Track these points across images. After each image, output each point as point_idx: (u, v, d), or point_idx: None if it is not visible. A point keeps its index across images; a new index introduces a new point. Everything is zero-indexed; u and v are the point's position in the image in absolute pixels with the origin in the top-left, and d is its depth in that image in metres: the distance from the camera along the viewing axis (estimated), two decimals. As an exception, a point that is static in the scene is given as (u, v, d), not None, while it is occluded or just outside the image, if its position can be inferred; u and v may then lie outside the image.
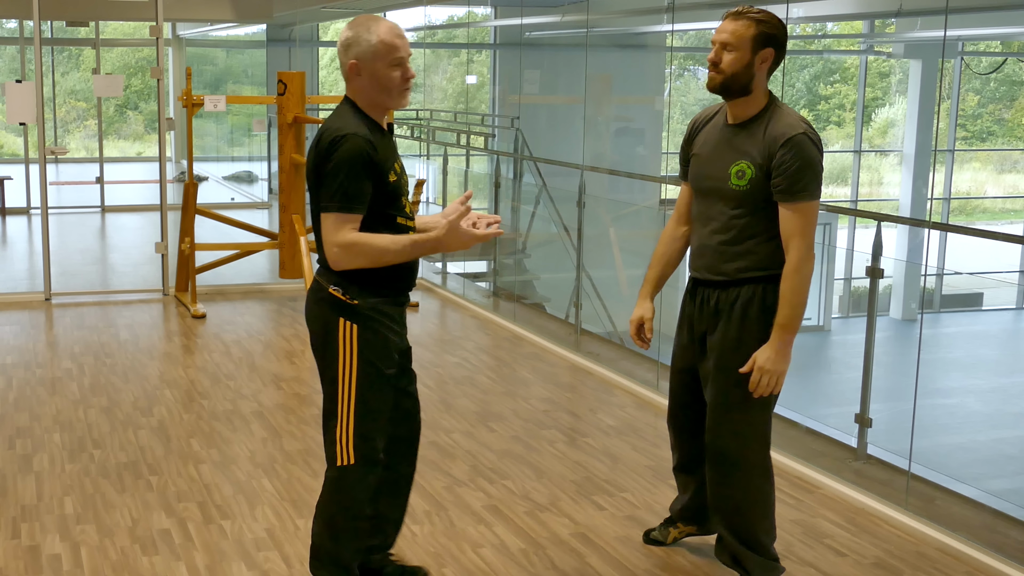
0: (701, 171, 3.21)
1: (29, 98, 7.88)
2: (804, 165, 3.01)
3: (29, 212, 12.37)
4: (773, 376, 3.10)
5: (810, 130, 3.05)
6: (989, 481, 7.66)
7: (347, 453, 3.06)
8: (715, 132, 3.20)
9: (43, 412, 5.23)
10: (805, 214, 3.04)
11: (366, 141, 2.90)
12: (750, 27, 3.04)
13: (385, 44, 2.92)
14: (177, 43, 17.94)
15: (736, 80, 3.07)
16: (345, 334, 3.02)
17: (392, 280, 3.06)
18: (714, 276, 3.18)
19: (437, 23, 16.38)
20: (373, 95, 2.97)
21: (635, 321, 3.40)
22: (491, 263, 9.63)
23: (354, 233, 2.91)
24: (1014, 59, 20.66)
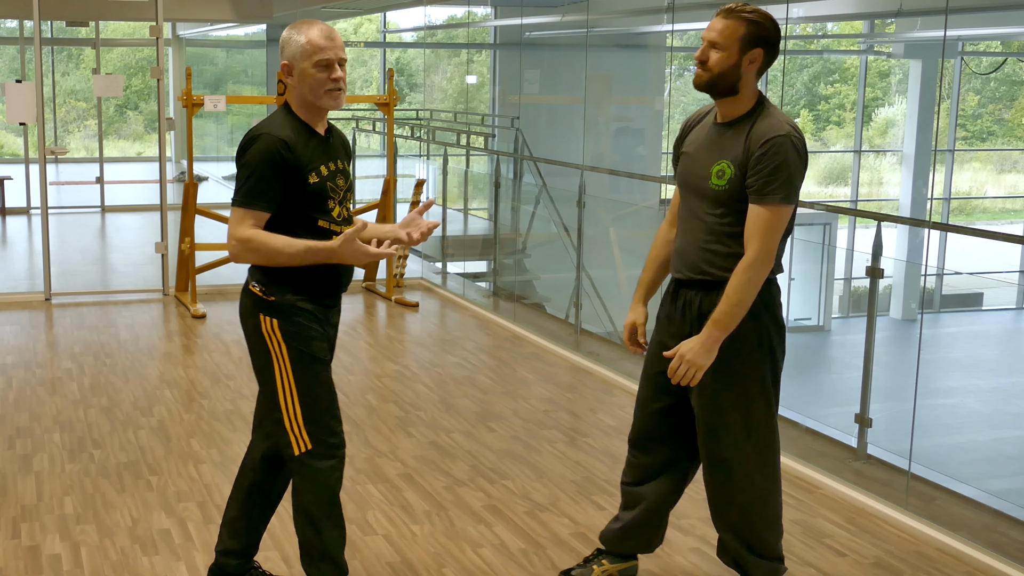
0: (687, 170, 3.17)
1: (29, 98, 7.88)
2: (780, 166, 2.95)
3: (29, 212, 12.37)
4: (693, 368, 3.03)
5: (795, 134, 3.00)
6: (989, 481, 7.67)
7: (303, 440, 3.07)
8: (704, 131, 3.17)
9: (43, 412, 5.23)
10: (769, 217, 2.96)
11: (279, 141, 2.95)
12: (740, 26, 3.00)
13: (312, 44, 2.98)
14: (177, 43, 17.94)
15: (723, 79, 3.03)
16: (268, 328, 3.05)
17: (312, 281, 3.04)
18: (697, 276, 3.13)
19: (437, 23, 16.38)
20: (303, 95, 3.02)
21: (629, 326, 3.36)
22: (491, 263, 9.64)
23: (252, 229, 2.95)
24: (1014, 59, 20.66)
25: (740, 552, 3.27)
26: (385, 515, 4.04)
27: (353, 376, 5.93)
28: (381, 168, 11.20)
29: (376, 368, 6.12)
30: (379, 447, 4.78)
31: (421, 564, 3.64)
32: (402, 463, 4.59)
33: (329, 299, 3.13)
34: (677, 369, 3.06)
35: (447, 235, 10.15)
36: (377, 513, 4.05)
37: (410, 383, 5.83)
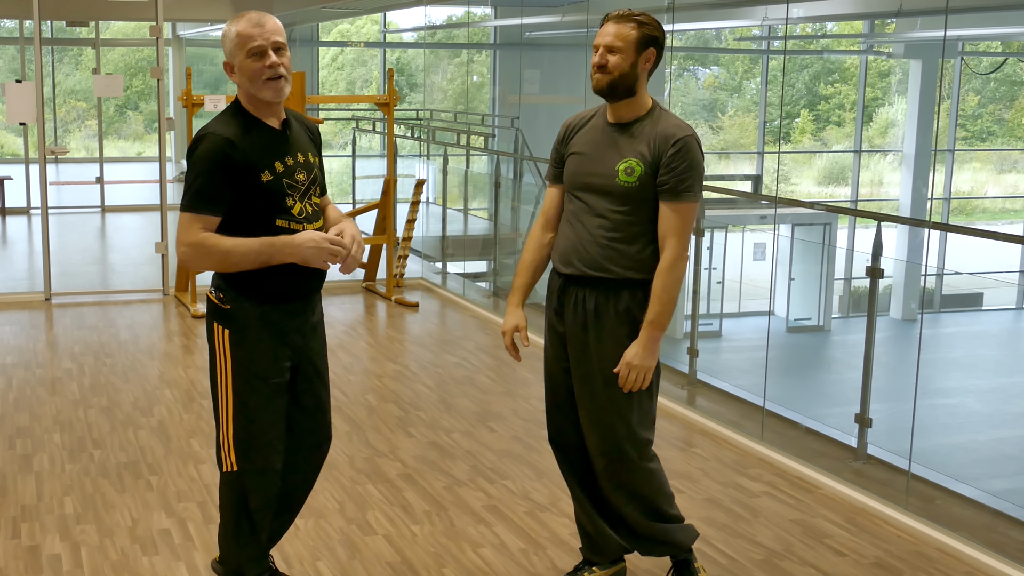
0: (584, 168, 3.21)
1: (29, 98, 7.88)
2: (691, 165, 3.09)
3: (29, 212, 12.37)
4: (642, 371, 3.13)
5: (695, 134, 3.15)
6: (989, 481, 7.67)
7: (229, 459, 3.03)
8: (597, 132, 3.23)
9: (43, 412, 5.23)
10: (685, 214, 3.11)
11: (224, 141, 2.85)
12: (633, 29, 3.12)
13: (241, 35, 2.87)
14: (177, 43, 17.94)
15: (622, 81, 3.13)
16: (219, 339, 2.99)
17: (273, 287, 2.95)
18: (595, 273, 3.17)
19: (437, 23, 16.39)
20: (246, 88, 2.91)
21: (509, 331, 3.35)
22: (491, 263, 9.64)
23: (202, 233, 2.85)
24: (1014, 59, 20.66)
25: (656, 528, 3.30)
26: (385, 515, 4.04)
27: (353, 376, 5.93)
28: (381, 168, 11.20)
29: (376, 368, 6.12)
30: (379, 447, 4.78)
31: (421, 564, 3.64)
32: (402, 463, 4.59)
33: (295, 304, 3.02)
34: (628, 376, 3.13)
35: (447, 235, 10.15)
36: (377, 513, 4.05)
37: (410, 383, 5.84)
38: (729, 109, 23.96)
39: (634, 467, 3.25)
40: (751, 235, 17.36)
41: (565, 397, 3.34)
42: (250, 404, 3.00)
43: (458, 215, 10.50)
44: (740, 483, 4.42)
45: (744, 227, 17.11)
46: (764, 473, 4.54)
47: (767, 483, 4.43)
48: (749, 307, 16.25)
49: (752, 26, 18.22)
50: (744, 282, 16.56)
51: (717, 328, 14.42)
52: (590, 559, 3.46)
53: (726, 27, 18.25)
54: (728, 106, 23.99)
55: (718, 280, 15.82)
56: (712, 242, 15.42)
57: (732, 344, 13.73)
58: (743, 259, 16.72)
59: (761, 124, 20.21)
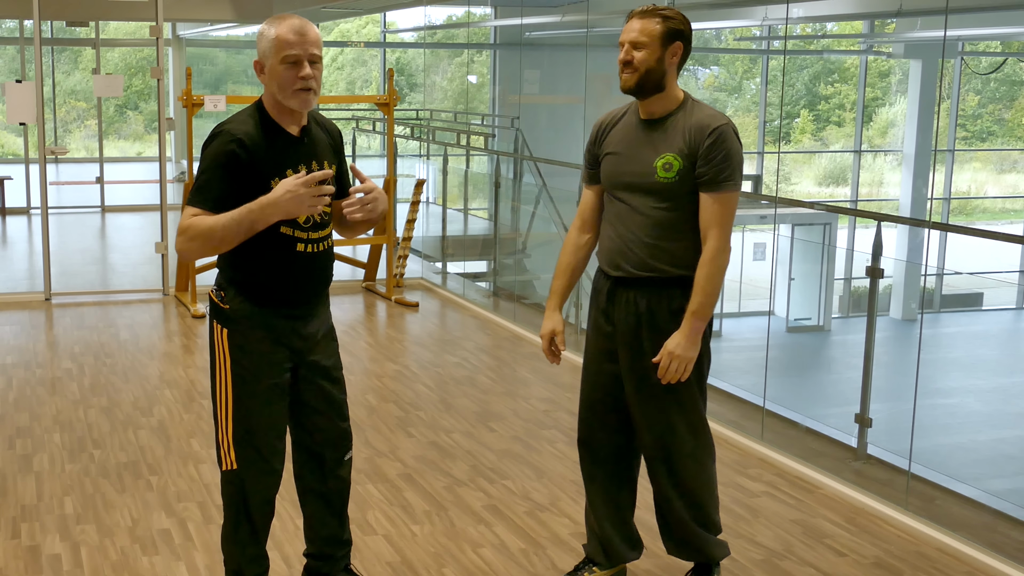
0: (621, 168, 3.18)
1: (29, 98, 7.88)
2: (729, 154, 3.05)
3: (29, 212, 12.37)
4: (683, 362, 3.10)
5: (731, 122, 3.11)
6: (989, 481, 7.67)
7: (229, 458, 3.03)
8: (630, 130, 3.20)
9: (43, 412, 5.23)
10: (726, 204, 3.08)
11: (235, 140, 2.82)
12: (658, 23, 3.08)
13: (280, 40, 2.82)
14: (177, 43, 17.94)
15: (650, 77, 3.09)
16: (218, 338, 2.99)
17: (268, 290, 2.95)
18: (644, 273, 3.15)
19: (437, 23, 16.39)
20: (273, 92, 2.88)
21: (547, 335, 3.36)
22: (491, 263, 9.64)
23: (189, 219, 2.82)
24: (1014, 59, 20.66)
25: (698, 534, 3.33)
26: (385, 515, 4.04)
27: (353, 376, 5.93)
28: (381, 168, 11.20)
29: (376, 368, 6.12)
30: (379, 447, 4.78)
31: (421, 564, 3.64)
32: (402, 463, 4.59)
33: (296, 309, 3.00)
34: (669, 366, 3.10)
35: (447, 235, 10.15)
36: (377, 513, 4.05)
37: (410, 383, 5.83)
38: (729, 109, 23.96)
39: (690, 465, 3.26)
40: (751, 235, 17.35)
41: (601, 398, 3.33)
42: (247, 404, 3.00)
43: (458, 215, 10.50)
44: (740, 483, 4.42)
45: (744, 227, 17.11)
46: (764, 473, 4.54)
47: (767, 483, 4.43)
48: (749, 307, 16.24)
49: (752, 26, 18.22)
50: (744, 282, 16.55)
51: (717, 328, 14.41)
52: (592, 558, 3.47)
53: (726, 27, 18.24)
54: (728, 106, 23.98)
55: (718, 280, 15.77)
56: (712, 242, 15.36)
57: (732, 344, 13.72)
58: (743, 259, 16.72)
59: (761, 124, 20.21)
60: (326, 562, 3.29)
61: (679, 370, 3.10)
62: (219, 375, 3.01)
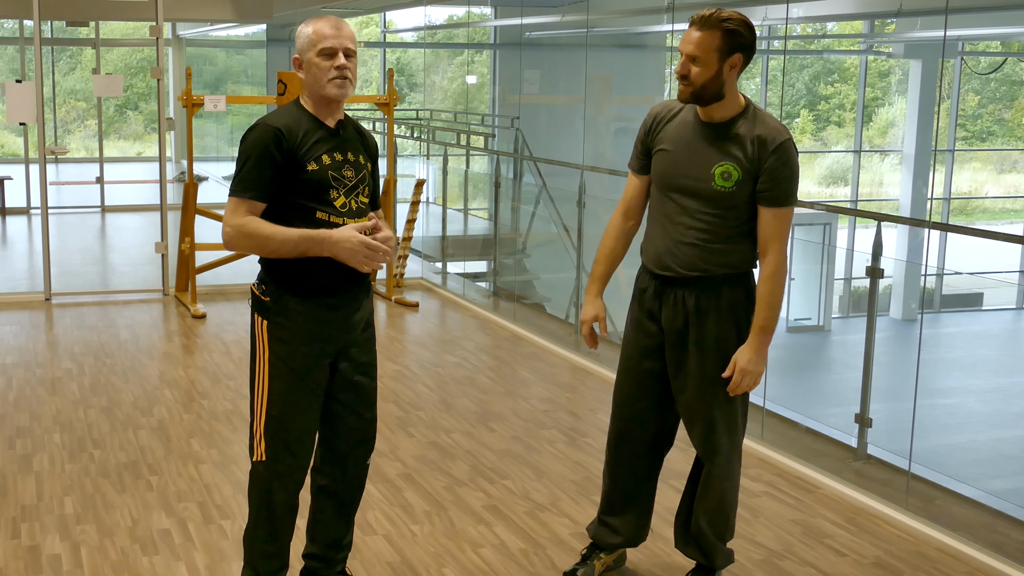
0: (676, 169, 3.15)
1: (29, 98, 7.88)
2: (791, 173, 3.06)
3: (29, 212, 12.37)
4: (754, 376, 3.14)
5: (791, 137, 3.11)
6: (989, 481, 7.67)
7: (259, 449, 3.08)
8: (687, 130, 3.15)
9: (43, 412, 5.23)
10: (786, 220, 3.10)
11: (274, 129, 2.93)
12: (715, 36, 3.00)
13: (317, 33, 2.97)
14: (177, 43, 17.94)
15: (706, 90, 3.03)
16: (259, 330, 3.05)
17: (310, 280, 3.00)
18: (692, 273, 3.15)
19: (437, 23, 16.38)
20: (311, 86, 3.00)
21: (589, 320, 3.37)
22: (491, 263, 9.64)
23: (245, 217, 2.93)
24: (1014, 59, 20.66)
25: (711, 543, 3.37)
26: (385, 515, 4.04)
27: (353, 376, 5.92)
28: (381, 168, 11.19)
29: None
30: (379, 447, 4.77)
31: (421, 564, 3.64)
32: (402, 463, 4.59)
33: (337, 298, 3.04)
34: (741, 382, 3.14)
35: (447, 235, 10.15)
36: (377, 513, 4.06)
37: (410, 383, 5.84)
38: (729, 109, 23.91)
39: (723, 464, 3.30)
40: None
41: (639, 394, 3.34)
42: (283, 397, 3.04)
43: (458, 215, 10.50)
44: (740, 483, 4.42)
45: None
46: (764, 473, 4.54)
47: (767, 483, 4.43)
48: (749, 307, 16.21)
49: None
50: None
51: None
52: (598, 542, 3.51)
53: (726, 27, 18.21)
54: (728, 106, 23.94)
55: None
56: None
57: (732, 344, 13.69)
58: (743, 259, 16.69)
59: (761, 124, 20.16)
60: (325, 564, 3.29)
61: (750, 384, 3.16)
62: (258, 366, 3.06)
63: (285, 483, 3.09)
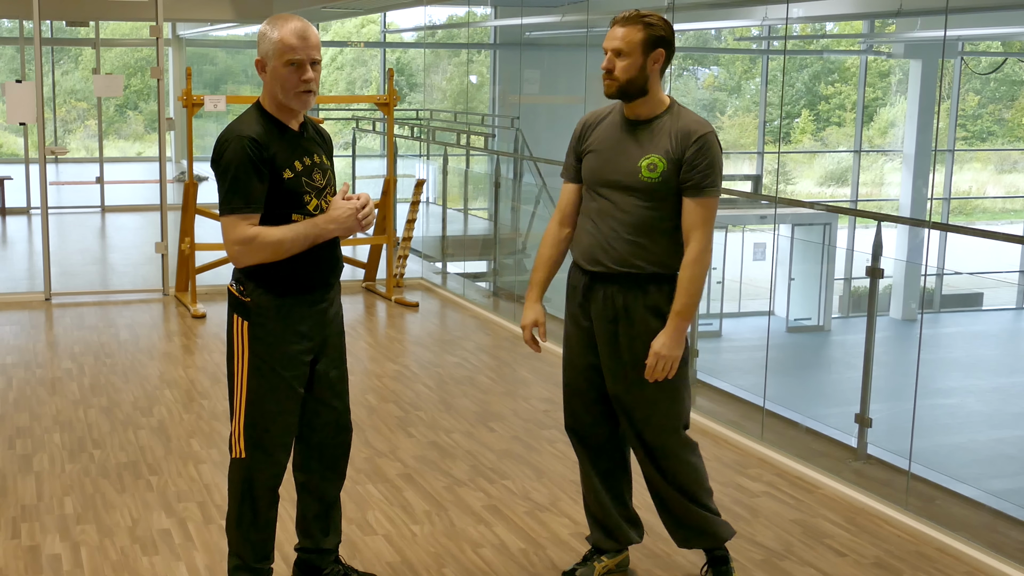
0: (604, 166, 3.25)
1: (29, 98, 7.88)
2: (713, 162, 3.14)
3: (29, 212, 12.37)
4: (668, 361, 3.18)
5: (713, 130, 3.20)
6: (989, 481, 7.66)
7: (238, 447, 3.10)
8: (614, 130, 3.27)
9: (43, 412, 5.23)
10: (709, 208, 3.16)
11: (249, 140, 2.93)
12: (638, 31, 3.14)
13: (283, 44, 2.93)
14: (177, 43, 17.94)
15: (632, 84, 3.16)
16: (238, 330, 3.06)
17: (292, 280, 3.04)
18: (622, 269, 3.22)
19: (437, 23, 16.39)
20: (274, 92, 2.99)
21: (529, 325, 3.46)
22: (491, 263, 9.64)
23: (252, 229, 2.95)
24: (1014, 59, 20.66)
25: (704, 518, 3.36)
26: (385, 515, 4.04)
27: (353, 376, 5.90)
28: (381, 168, 11.21)
29: (376, 368, 6.12)
30: (379, 447, 4.78)
31: (421, 564, 3.65)
32: (402, 463, 4.59)
33: (316, 293, 3.09)
34: (656, 366, 3.18)
35: (447, 235, 10.15)
36: (377, 513, 4.06)
37: (410, 383, 5.84)
38: (729, 109, 23.96)
39: (673, 456, 3.31)
40: (751, 235, 17.36)
41: (585, 388, 3.45)
42: (262, 395, 3.06)
43: (458, 215, 10.50)
44: (740, 483, 4.42)
45: (744, 227, 17.12)
46: (764, 473, 4.54)
47: (767, 483, 4.43)
48: (749, 307, 16.25)
49: (752, 26, 18.22)
50: (744, 282, 16.56)
51: (717, 328, 14.41)
52: (599, 546, 3.52)
53: (726, 27, 18.24)
54: (728, 106, 23.99)
55: (718, 280, 15.81)
56: (712, 242, 15.38)
57: (732, 344, 13.72)
58: (743, 259, 16.73)
59: (761, 124, 20.21)
60: (318, 555, 3.35)
61: (665, 368, 3.19)
62: (236, 366, 3.08)
63: (265, 479, 3.13)
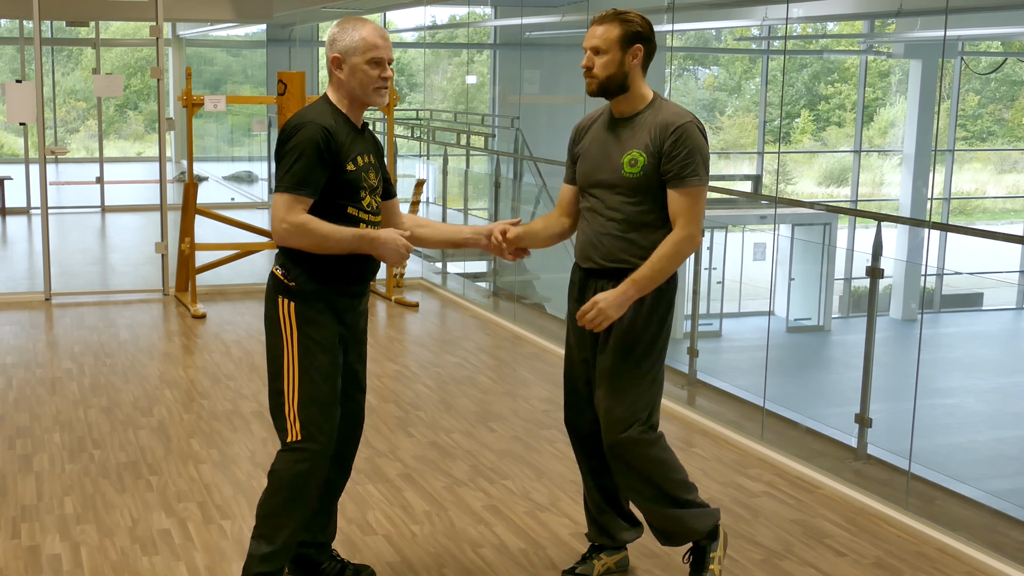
0: (592, 167, 3.28)
1: (29, 98, 7.88)
2: (692, 151, 3.13)
3: (29, 212, 12.37)
4: (602, 316, 3.16)
5: (696, 119, 3.19)
6: (989, 481, 7.67)
7: (294, 429, 3.11)
8: (601, 130, 3.31)
9: (43, 412, 5.23)
10: (693, 196, 3.15)
11: (322, 128, 3.01)
12: (615, 28, 3.17)
13: (366, 41, 3.06)
14: (177, 43, 17.94)
15: (612, 81, 3.19)
16: (284, 310, 3.10)
17: (336, 271, 3.10)
18: (611, 264, 3.23)
19: (438, 23, 16.39)
20: (351, 89, 3.10)
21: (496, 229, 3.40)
22: (491, 263, 9.64)
23: (304, 215, 3.01)
24: (1014, 59, 20.66)
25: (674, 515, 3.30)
26: (385, 515, 4.04)
27: (353, 376, 5.93)
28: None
29: (376, 368, 6.12)
30: (379, 447, 4.78)
31: (421, 564, 3.65)
32: (402, 463, 4.59)
33: (353, 288, 3.17)
34: (588, 314, 3.17)
35: (447, 235, 10.13)
36: (377, 513, 4.06)
37: (410, 383, 5.84)
38: (729, 109, 23.97)
39: (638, 449, 3.27)
40: (751, 235, 17.37)
41: (581, 384, 3.45)
42: (313, 375, 3.11)
43: (458, 215, 10.50)
44: (740, 483, 4.42)
45: (744, 227, 17.13)
46: (764, 473, 4.54)
47: (767, 483, 4.43)
48: (749, 307, 16.26)
49: (752, 26, 18.23)
50: (744, 282, 16.57)
51: (717, 328, 14.43)
52: (598, 543, 3.52)
53: (726, 27, 18.25)
54: (728, 106, 23.99)
55: (718, 280, 15.82)
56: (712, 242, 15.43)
57: (732, 344, 13.73)
58: (743, 259, 16.74)
59: (761, 124, 20.22)
60: (317, 549, 3.36)
61: (594, 321, 3.17)
62: (286, 347, 3.10)
63: (320, 461, 3.14)
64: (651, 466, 3.29)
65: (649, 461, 3.29)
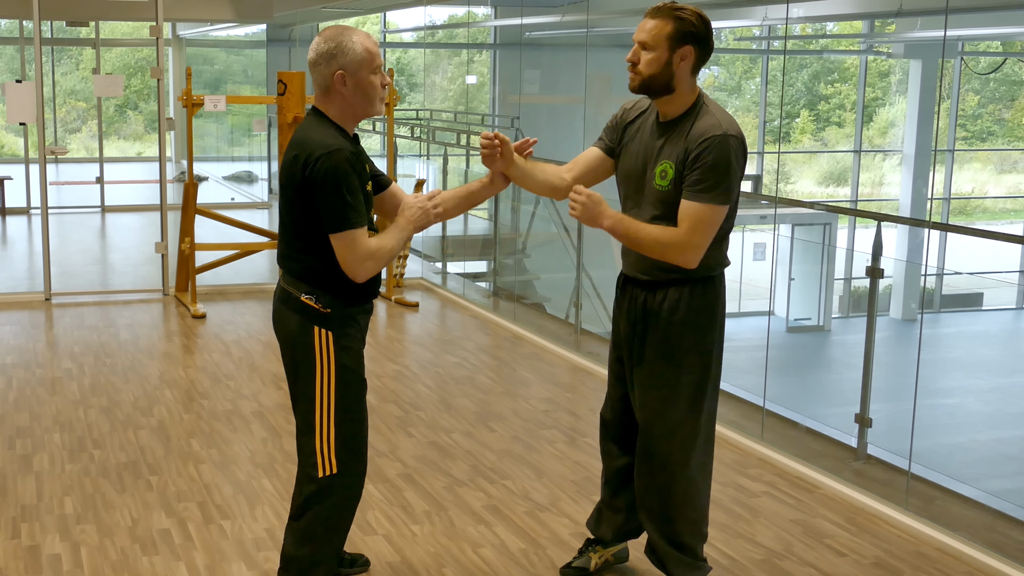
0: (629, 173, 3.15)
1: (29, 98, 7.88)
2: (714, 165, 2.92)
3: (29, 212, 12.37)
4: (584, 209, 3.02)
5: (732, 133, 2.96)
6: (989, 481, 7.67)
7: (330, 463, 3.05)
8: (646, 129, 3.13)
9: (43, 412, 5.23)
10: (701, 212, 2.95)
11: (350, 154, 2.92)
12: (667, 25, 2.95)
13: (369, 52, 2.95)
14: (177, 43, 17.94)
15: (655, 80, 2.99)
16: (321, 342, 3.02)
17: (360, 287, 3.04)
18: (641, 275, 3.16)
19: (437, 23, 16.39)
20: (355, 104, 2.99)
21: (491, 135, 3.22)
22: (491, 263, 9.64)
23: (368, 243, 2.94)
24: (1014, 59, 20.66)
25: (664, 549, 3.27)
26: (385, 515, 4.04)
27: (353, 376, 5.93)
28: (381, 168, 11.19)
29: (376, 368, 6.12)
30: (379, 447, 4.78)
31: (421, 564, 3.65)
32: (402, 463, 4.59)
33: (369, 301, 3.15)
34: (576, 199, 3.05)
35: (447, 235, 10.15)
36: (377, 513, 4.06)
37: (410, 383, 5.84)
38: (729, 109, 23.92)
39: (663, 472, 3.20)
40: (751, 235, 17.37)
41: (615, 382, 3.38)
42: (351, 406, 3.08)
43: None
44: (740, 483, 4.42)
45: (744, 227, 17.12)
46: (764, 473, 4.54)
47: (767, 483, 4.43)
48: (749, 307, 16.25)
49: (752, 26, 18.22)
50: (744, 282, 16.56)
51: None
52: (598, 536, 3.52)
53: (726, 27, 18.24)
54: (728, 106, 23.97)
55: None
56: (712, 242, 15.40)
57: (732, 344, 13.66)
58: (743, 259, 16.73)
59: (761, 124, 20.22)
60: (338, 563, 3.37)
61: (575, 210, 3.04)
62: (322, 380, 3.02)
63: (355, 492, 3.13)
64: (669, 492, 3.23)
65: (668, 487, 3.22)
